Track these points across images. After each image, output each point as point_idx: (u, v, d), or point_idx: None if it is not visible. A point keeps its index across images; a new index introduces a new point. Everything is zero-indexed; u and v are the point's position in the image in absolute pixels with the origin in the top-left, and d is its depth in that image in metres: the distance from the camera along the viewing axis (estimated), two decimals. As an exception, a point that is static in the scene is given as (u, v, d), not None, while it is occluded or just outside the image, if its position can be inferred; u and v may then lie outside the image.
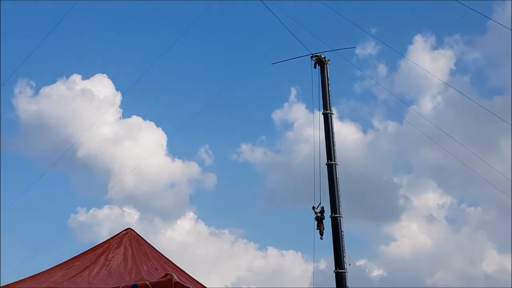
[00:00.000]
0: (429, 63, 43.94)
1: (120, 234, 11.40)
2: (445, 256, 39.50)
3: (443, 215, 43.14)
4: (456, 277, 38.19)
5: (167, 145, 43.68)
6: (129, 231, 11.52)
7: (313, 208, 20.88)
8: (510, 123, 22.67)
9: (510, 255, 35.76)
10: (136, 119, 45.32)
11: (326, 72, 22.35)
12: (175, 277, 8.47)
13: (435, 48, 47.13)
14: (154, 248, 11.58)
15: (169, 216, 45.10)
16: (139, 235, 11.60)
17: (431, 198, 43.99)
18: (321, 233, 20.68)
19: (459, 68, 46.62)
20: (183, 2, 49.53)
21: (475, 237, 40.73)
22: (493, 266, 38.85)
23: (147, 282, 8.61)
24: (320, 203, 20.89)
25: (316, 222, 20.74)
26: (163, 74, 47.82)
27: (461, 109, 40.69)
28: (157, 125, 45.03)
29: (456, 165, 34.15)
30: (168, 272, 8.94)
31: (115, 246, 11.06)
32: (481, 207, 43.90)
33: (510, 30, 20.55)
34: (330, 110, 22.03)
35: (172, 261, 11.50)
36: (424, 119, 33.37)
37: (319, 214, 20.72)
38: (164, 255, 11.56)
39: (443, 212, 43.11)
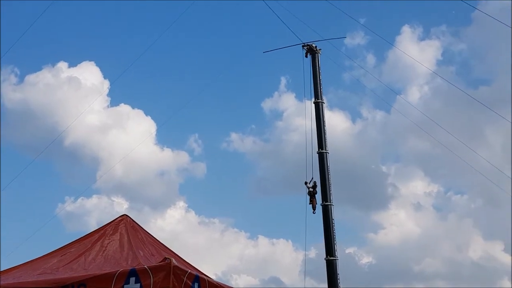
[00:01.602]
0: (416, 53, 44.36)
1: (116, 221, 11.34)
2: (432, 244, 40.17)
3: (431, 203, 43.88)
4: (443, 264, 38.83)
5: (156, 134, 43.60)
6: (124, 217, 11.48)
7: (306, 183, 21.12)
8: (499, 112, 22.98)
9: (495, 242, 36.35)
10: (124, 108, 45.23)
11: (317, 62, 22.45)
12: (174, 261, 8.48)
13: (422, 39, 47.64)
14: (150, 234, 11.56)
15: (159, 205, 45.19)
16: (134, 221, 11.57)
17: (418, 186, 44.70)
18: (314, 208, 20.98)
19: (446, 59, 47.19)
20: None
21: (462, 225, 41.52)
22: (479, 252, 39.54)
23: (145, 266, 8.60)
24: (312, 178, 21.10)
25: (308, 197, 21.04)
26: (152, 62, 47.83)
27: (448, 99, 41.21)
28: (146, 113, 45.01)
29: (443, 154, 34.72)
30: (166, 257, 8.94)
31: (111, 232, 11.00)
32: (467, 195, 44.68)
33: (495, 20, 20.81)
34: (321, 99, 22.14)
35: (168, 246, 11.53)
36: (412, 109, 33.92)
37: (311, 189, 21.00)
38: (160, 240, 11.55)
39: (430, 200, 43.86)
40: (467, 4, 22.20)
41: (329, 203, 20.81)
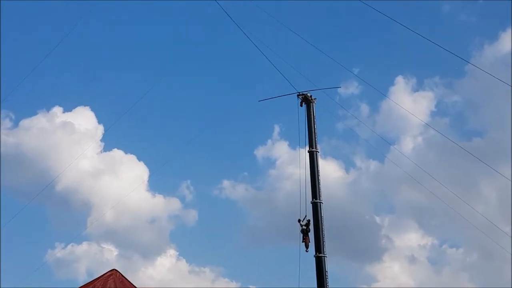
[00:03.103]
0: (410, 104, 44.87)
1: (105, 275, 11.06)
2: (428, 298, 39.34)
3: (425, 256, 43.24)
4: (438, 319, 37.97)
5: (148, 180, 43.24)
6: (113, 272, 11.20)
7: (299, 220, 21.01)
8: (492, 165, 23.01)
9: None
10: (117, 153, 45.02)
11: (312, 111, 22.47)
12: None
13: (415, 90, 48.23)
14: (139, 290, 11.23)
15: (149, 253, 44.43)
16: (123, 276, 11.28)
17: (413, 239, 44.21)
18: (306, 246, 20.84)
19: (439, 110, 47.66)
20: (168, 39, 50.05)
21: (457, 279, 40.82)
22: (474, 309, 38.78)
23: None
24: (306, 216, 20.98)
25: (301, 235, 20.88)
26: (146, 108, 47.76)
27: (442, 150, 41.38)
28: (139, 159, 44.67)
29: (437, 206, 34.48)
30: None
31: (100, 287, 10.68)
32: (462, 248, 44.13)
33: (487, 74, 21.11)
34: (316, 148, 22.05)
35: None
36: (405, 160, 33.80)
37: (304, 227, 20.88)
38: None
39: (424, 253, 43.30)
40: (460, 58, 22.42)
41: (322, 255, 20.43)
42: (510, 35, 44.39)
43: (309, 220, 20.88)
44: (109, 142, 45.01)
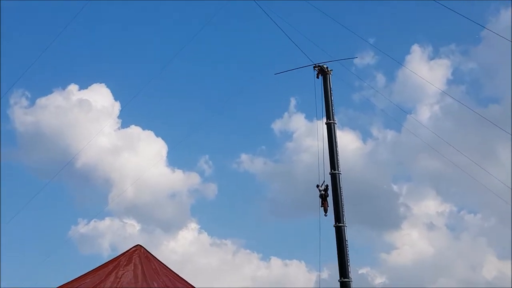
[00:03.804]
0: (426, 72, 44.16)
1: (130, 251, 11.41)
2: (446, 263, 39.58)
3: (443, 223, 43.22)
4: (457, 283, 38.21)
5: (167, 156, 43.61)
6: (138, 248, 11.53)
7: (317, 186, 21.26)
8: (509, 131, 22.85)
9: (509, 262, 35.87)
10: (135, 129, 45.10)
11: (328, 82, 22.41)
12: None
13: (432, 58, 47.41)
14: (164, 265, 11.59)
15: (171, 227, 44.92)
16: (148, 252, 11.62)
17: (431, 206, 44.12)
18: (325, 211, 21.12)
19: (456, 78, 46.89)
20: (184, 13, 49.77)
21: (475, 244, 40.89)
22: (493, 272, 38.94)
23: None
24: (324, 181, 21.21)
25: (320, 200, 21.15)
26: (163, 84, 47.84)
27: (459, 118, 40.87)
28: (157, 135, 44.90)
29: (455, 173, 34.36)
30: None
31: (125, 263, 11.07)
32: (480, 214, 44.02)
33: (504, 39, 20.80)
34: (334, 119, 22.10)
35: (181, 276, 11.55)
36: (422, 128, 33.54)
37: (323, 192, 21.14)
38: (174, 271, 11.58)
39: (443, 219, 43.23)
40: (476, 24, 22.09)
41: (342, 224, 20.69)
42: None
43: (327, 185, 21.12)
44: (126, 119, 45.04)
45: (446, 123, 43.03)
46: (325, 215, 21.10)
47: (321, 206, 21.15)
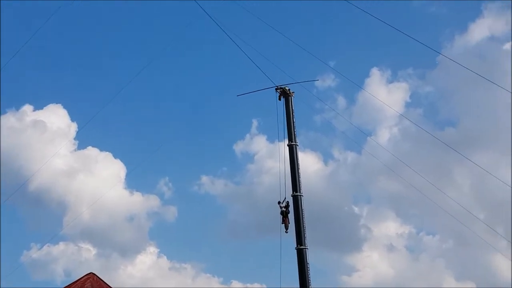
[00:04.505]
0: (385, 95, 45.39)
1: (82, 279, 11.11)
2: (406, 285, 40.03)
3: (403, 244, 44.06)
4: (417, 306, 38.61)
5: (125, 178, 42.88)
6: (91, 276, 11.24)
7: (279, 202, 21.35)
8: (465, 154, 23.44)
9: (467, 283, 36.50)
10: (92, 150, 44.40)
11: (290, 104, 22.57)
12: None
13: (390, 81, 48.87)
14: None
15: (128, 251, 44.09)
16: (101, 280, 11.31)
17: (391, 228, 44.92)
18: (286, 228, 21.21)
19: (414, 101, 48.36)
20: (147, 33, 49.63)
21: (434, 265, 41.67)
22: (452, 293, 39.51)
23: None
24: (285, 198, 21.33)
25: (281, 217, 21.25)
26: (122, 105, 47.35)
27: (417, 140, 42.06)
28: (115, 156, 44.21)
29: (414, 195, 34.86)
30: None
31: (77, 292, 10.72)
32: (438, 235, 44.93)
33: (458, 65, 21.50)
34: (295, 141, 22.19)
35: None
36: (382, 150, 34.14)
37: (284, 209, 21.25)
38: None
39: (402, 241, 44.09)
40: (432, 49, 22.67)
41: (303, 247, 20.65)
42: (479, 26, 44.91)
43: (288, 202, 21.23)
44: (83, 140, 44.24)
45: (405, 145, 44.20)
46: (285, 231, 21.22)
47: (282, 223, 21.28)
